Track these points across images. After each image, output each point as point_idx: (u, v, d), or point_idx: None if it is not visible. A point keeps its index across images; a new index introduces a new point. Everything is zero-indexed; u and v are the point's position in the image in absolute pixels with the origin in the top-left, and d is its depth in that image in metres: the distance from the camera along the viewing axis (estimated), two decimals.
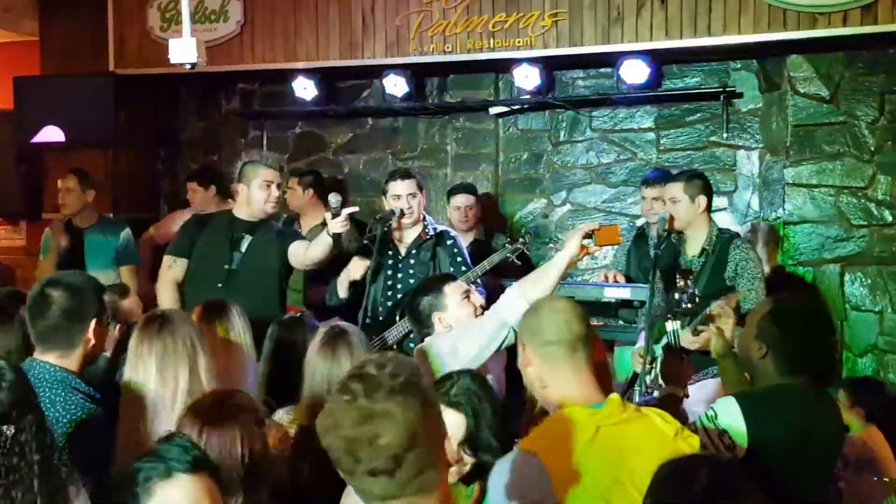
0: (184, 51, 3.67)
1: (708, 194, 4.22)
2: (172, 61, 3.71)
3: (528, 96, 6.02)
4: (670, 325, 3.13)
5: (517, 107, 6.25)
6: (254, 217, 4.31)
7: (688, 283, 3.12)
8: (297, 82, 6.20)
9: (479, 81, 6.23)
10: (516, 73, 5.73)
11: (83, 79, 6.32)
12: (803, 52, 5.44)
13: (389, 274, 4.40)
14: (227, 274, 4.22)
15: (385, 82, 6.02)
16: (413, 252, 4.42)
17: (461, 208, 5.53)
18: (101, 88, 6.25)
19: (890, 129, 5.40)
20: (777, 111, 5.64)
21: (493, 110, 6.26)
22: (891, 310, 5.43)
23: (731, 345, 3.14)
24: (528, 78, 5.73)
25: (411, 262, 4.41)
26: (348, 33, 5.93)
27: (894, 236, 5.43)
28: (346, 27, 5.94)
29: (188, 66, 3.70)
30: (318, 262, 4.22)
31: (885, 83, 5.39)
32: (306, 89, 6.22)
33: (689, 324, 3.45)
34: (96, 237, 5.53)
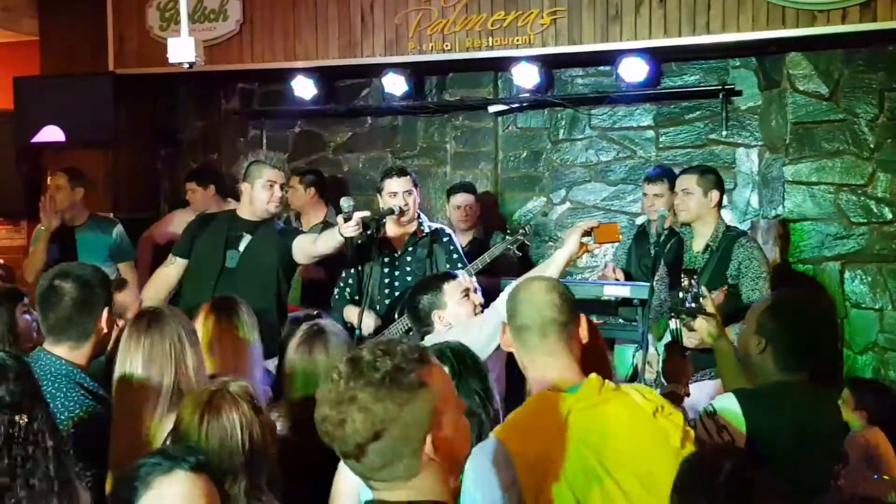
0: (182, 50, 3.69)
1: (721, 190, 4.31)
2: (171, 61, 3.73)
3: (527, 94, 6.03)
4: (674, 324, 3.13)
5: (516, 105, 6.25)
6: (256, 216, 4.30)
7: (692, 283, 3.12)
8: (296, 81, 6.20)
9: (478, 80, 6.22)
10: (515, 71, 5.73)
11: (83, 79, 6.32)
12: (802, 50, 5.43)
13: (386, 272, 4.39)
14: (224, 272, 4.21)
15: (384, 81, 6.02)
16: (409, 250, 4.41)
17: (461, 207, 5.54)
18: (101, 88, 6.24)
19: (889, 126, 5.40)
20: (776, 109, 5.63)
21: (493, 109, 6.25)
22: (891, 307, 5.42)
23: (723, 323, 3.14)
24: (527, 76, 5.73)
25: (408, 259, 4.40)
26: (347, 32, 5.93)
27: (894, 234, 5.43)
28: (345, 26, 5.93)
29: (186, 65, 3.72)
30: (324, 257, 4.22)
31: (884, 80, 5.39)
32: (306, 88, 6.23)
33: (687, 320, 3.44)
34: (88, 235, 5.53)
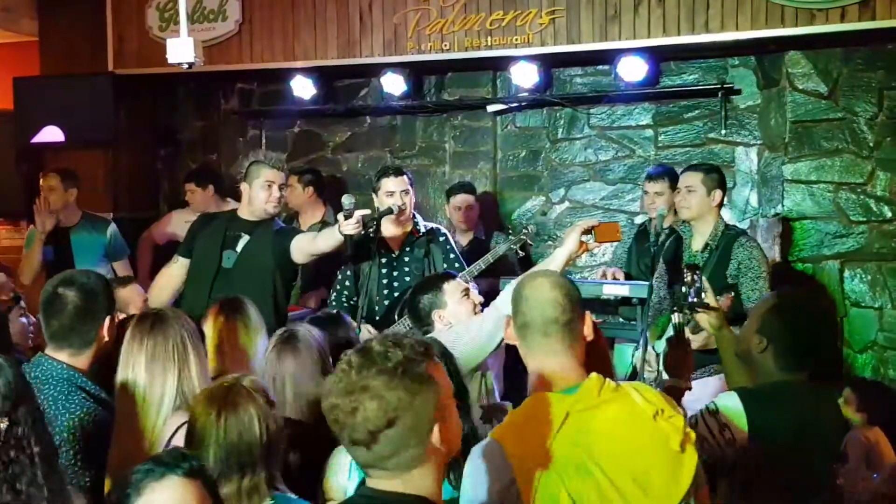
0: (181, 50, 3.69)
1: (723, 189, 4.31)
2: (170, 61, 3.73)
3: (525, 94, 6.03)
4: (676, 318, 3.12)
5: (515, 104, 6.25)
6: (255, 217, 4.29)
7: (695, 278, 3.11)
8: (295, 81, 6.20)
9: (476, 79, 6.22)
10: (514, 70, 5.73)
11: (83, 79, 6.31)
12: (801, 49, 5.43)
13: (384, 272, 4.39)
14: (220, 273, 4.20)
15: (383, 81, 6.01)
16: (406, 250, 4.41)
17: (461, 208, 5.54)
18: (101, 88, 6.24)
19: (888, 124, 5.40)
20: (775, 107, 5.63)
21: (491, 108, 6.26)
22: (890, 306, 5.43)
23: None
24: (525, 76, 5.73)
25: (405, 259, 4.40)
26: (346, 32, 5.93)
27: (893, 232, 5.44)
28: (343, 26, 5.93)
29: (186, 65, 3.72)
30: (323, 255, 4.22)
31: (883, 79, 5.39)
32: (304, 88, 6.23)
33: (690, 323, 3.43)
34: (82, 235, 5.54)
